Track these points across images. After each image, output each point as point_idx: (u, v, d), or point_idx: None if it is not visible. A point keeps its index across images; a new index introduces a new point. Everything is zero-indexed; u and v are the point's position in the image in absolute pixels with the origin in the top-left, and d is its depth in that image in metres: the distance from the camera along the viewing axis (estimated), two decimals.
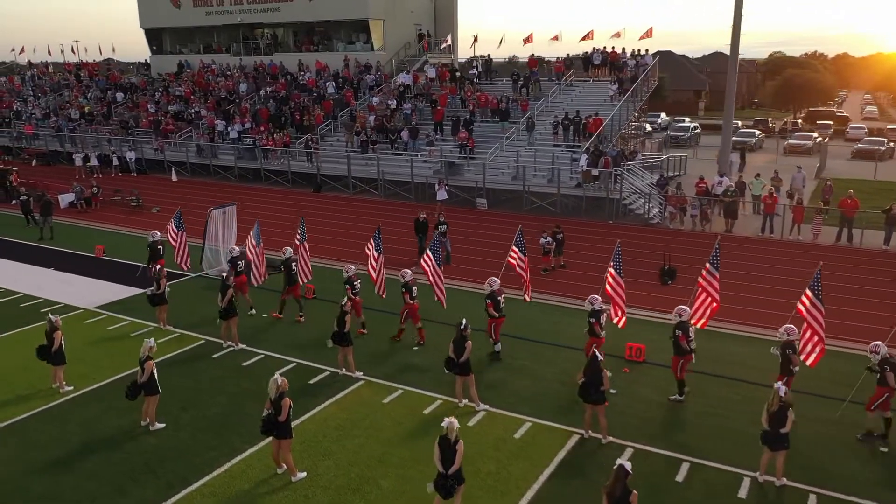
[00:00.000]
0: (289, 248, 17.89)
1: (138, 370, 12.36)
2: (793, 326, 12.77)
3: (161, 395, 12.50)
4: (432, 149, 32.71)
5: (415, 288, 15.81)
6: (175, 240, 19.68)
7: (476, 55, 44.76)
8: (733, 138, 35.86)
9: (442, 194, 28.62)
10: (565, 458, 11.60)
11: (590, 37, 37.62)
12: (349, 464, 11.48)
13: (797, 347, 12.80)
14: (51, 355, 13.72)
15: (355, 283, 16.27)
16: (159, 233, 20.20)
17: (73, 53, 59.67)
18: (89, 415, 13.12)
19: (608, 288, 15.13)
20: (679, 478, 11.08)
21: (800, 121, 67.89)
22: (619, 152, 29.48)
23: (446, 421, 9.42)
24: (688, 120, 59.04)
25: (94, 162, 39.14)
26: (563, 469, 11.32)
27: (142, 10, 50.36)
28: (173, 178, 37.03)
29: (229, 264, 18.12)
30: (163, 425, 12.58)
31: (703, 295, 14.77)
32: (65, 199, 31.57)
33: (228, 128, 38.59)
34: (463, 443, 9.43)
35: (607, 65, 35.76)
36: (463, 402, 13.17)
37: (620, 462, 8.39)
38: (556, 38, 39.56)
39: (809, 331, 13.12)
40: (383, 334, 16.59)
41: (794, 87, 79.50)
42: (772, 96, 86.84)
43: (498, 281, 15.40)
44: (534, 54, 38.54)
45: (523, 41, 39.55)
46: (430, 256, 16.56)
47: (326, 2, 42.26)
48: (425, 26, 45.97)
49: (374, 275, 17.05)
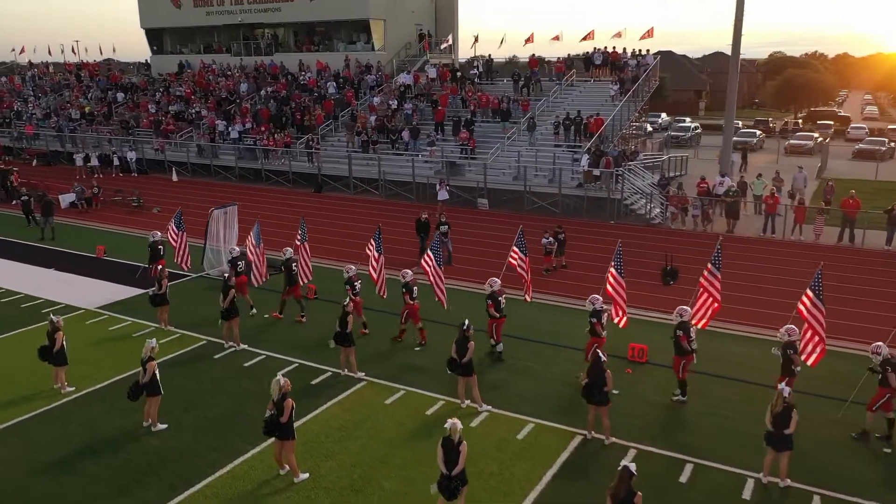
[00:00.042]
0: (289, 249, 17.88)
1: (140, 371, 12.35)
2: (794, 327, 12.79)
3: (163, 396, 12.50)
4: (433, 149, 32.68)
5: (415, 288, 15.81)
6: (175, 240, 19.70)
7: (477, 55, 44.67)
8: (734, 138, 35.84)
9: (443, 194, 28.61)
10: (568, 459, 11.58)
11: (591, 37, 37.56)
12: (352, 465, 11.47)
13: (798, 348, 12.81)
14: (52, 356, 13.71)
15: (356, 284, 16.27)
16: (160, 233, 20.20)
17: (74, 53, 59.70)
18: (91, 416, 13.11)
19: (609, 288, 15.13)
20: (683, 479, 11.08)
21: (800, 121, 67.88)
22: (621, 152, 29.46)
23: (450, 422, 9.40)
24: (688, 120, 59.05)
25: (94, 162, 39.16)
26: (567, 470, 11.30)
27: (142, 10, 50.34)
28: (174, 178, 37.03)
29: (229, 264, 18.11)
30: (165, 426, 12.57)
31: (705, 295, 14.78)
32: (65, 199, 31.56)
33: (229, 128, 38.59)
34: (466, 444, 9.42)
35: (608, 65, 35.71)
36: (465, 403, 13.16)
37: (625, 463, 8.38)
38: (556, 38, 39.60)
39: (810, 331, 13.14)
40: (385, 335, 16.58)
41: (795, 87, 79.55)
42: (772, 96, 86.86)
43: (499, 281, 15.40)
44: (535, 54, 38.51)
45: (524, 41, 39.59)
46: (430, 256, 16.55)
47: (327, 2, 42.23)
48: (426, 26, 45.91)
49: (374, 275, 17.05)
